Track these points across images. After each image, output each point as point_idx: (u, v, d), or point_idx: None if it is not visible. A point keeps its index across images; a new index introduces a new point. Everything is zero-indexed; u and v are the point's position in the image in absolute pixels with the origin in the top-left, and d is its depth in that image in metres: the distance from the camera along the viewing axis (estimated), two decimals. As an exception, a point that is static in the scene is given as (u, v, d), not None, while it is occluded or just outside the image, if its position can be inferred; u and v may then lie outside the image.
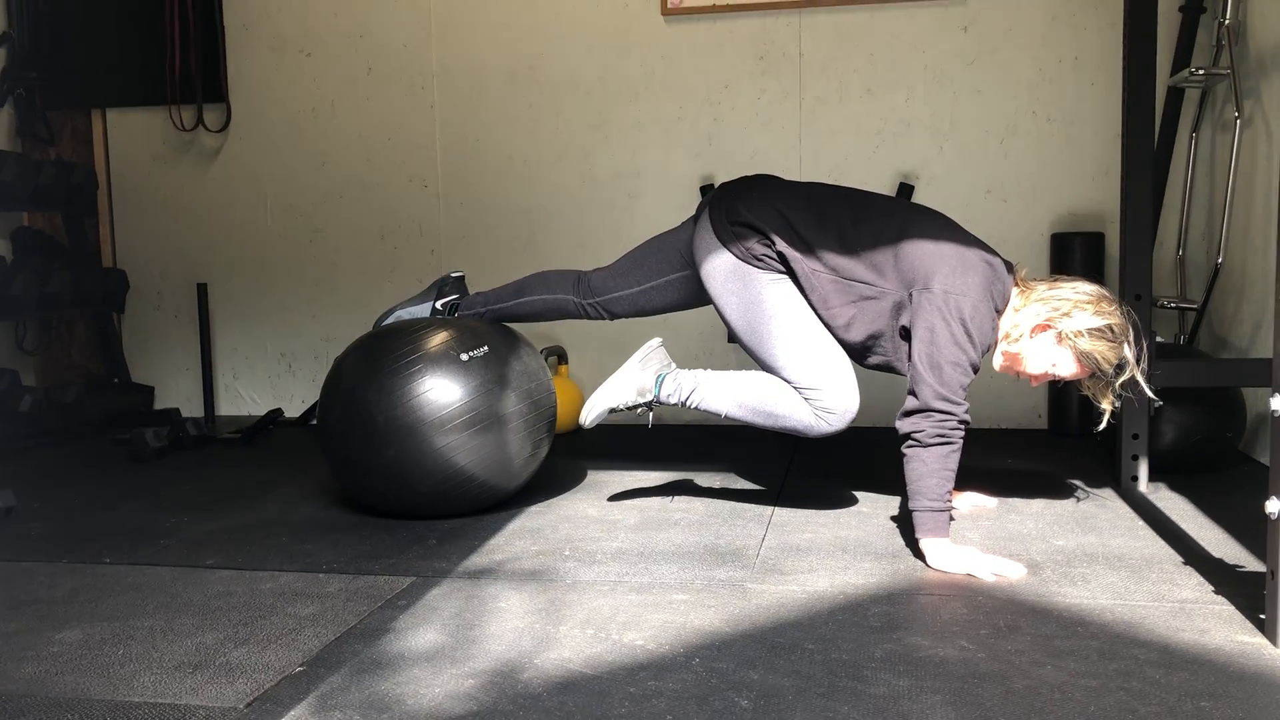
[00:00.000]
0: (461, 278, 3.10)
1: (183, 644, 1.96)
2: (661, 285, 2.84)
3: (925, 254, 2.43)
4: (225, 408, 4.77)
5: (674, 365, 2.75)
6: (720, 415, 2.66)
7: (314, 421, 4.25)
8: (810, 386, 2.53)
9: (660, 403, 2.71)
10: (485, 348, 2.77)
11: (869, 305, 2.49)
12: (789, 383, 2.55)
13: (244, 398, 4.75)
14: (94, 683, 1.80)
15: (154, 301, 4.78)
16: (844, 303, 2.51)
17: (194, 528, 2.80)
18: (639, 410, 2.76)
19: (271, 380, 4.72)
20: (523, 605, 2.13)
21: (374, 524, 2.79)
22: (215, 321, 4.70)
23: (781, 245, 2.53)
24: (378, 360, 2.74)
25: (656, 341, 2.77)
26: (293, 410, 4.62)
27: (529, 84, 4.35)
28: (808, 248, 2.52)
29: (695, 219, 2.74)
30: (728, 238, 2.60)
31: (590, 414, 2.73)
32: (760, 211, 2.58)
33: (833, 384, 2.52)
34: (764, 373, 2.61)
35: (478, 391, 2.70)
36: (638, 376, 2.72)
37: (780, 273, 2.57)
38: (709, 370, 2.70)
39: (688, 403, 2.68)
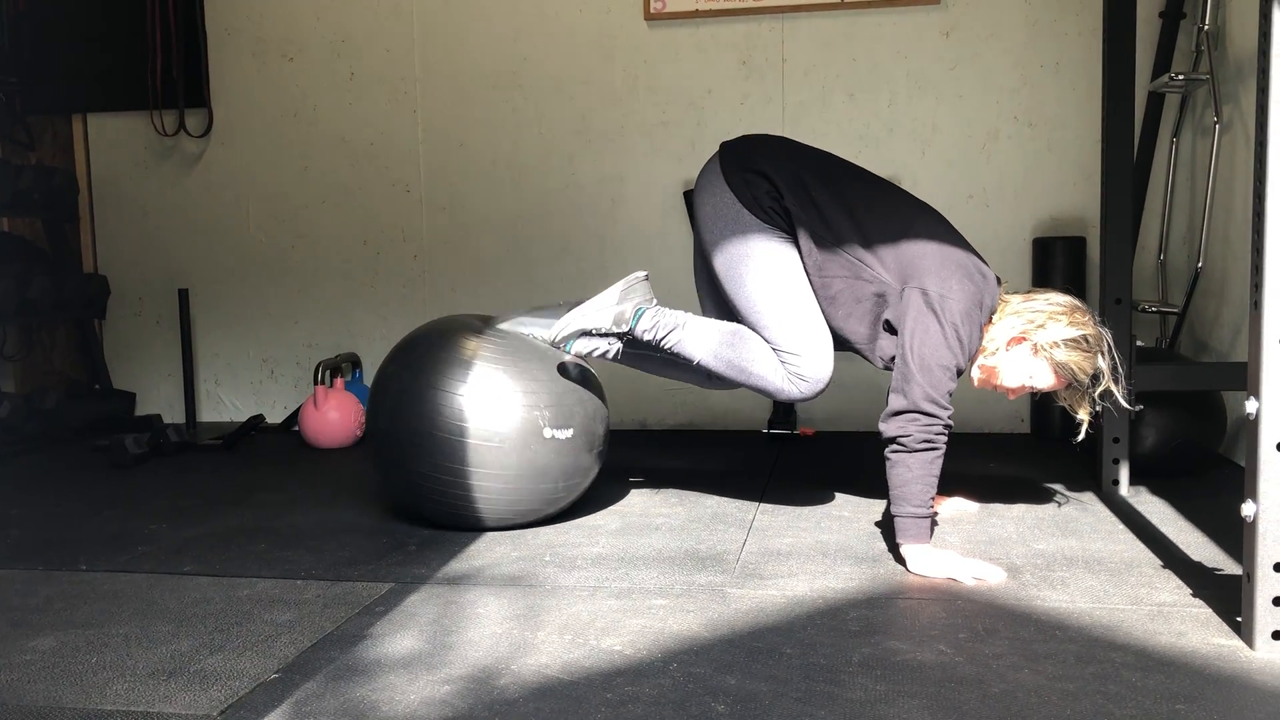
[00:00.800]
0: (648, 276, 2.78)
1: (157, 651, 1.95)
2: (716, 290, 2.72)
3: (926, 253, 2.42)
4: (207, 414, 4.74)
5: (655, 301, 2.66)
6: (694, 361, 2.60)
7: (295, 428, 4.25)
8: (790, 350, 2.51)
9: (634, 336, 2.61)
10: (571, 431, 2.67)
11: (858, 286, 2.46)
12: (769, 343, 2.53)
13: (226, 404, 4.73)
14: (66, 691, 1.78)
15: (135, 307, 4.76)
16: (839, 274, 2.48)
17: (173, 534, 2.78)
18: (609, 341, 2.65)
19: (253, 386, 4.70)
20: (501, 611, 2.12)
21: (354, 530, 2.78)
22: (197, 327, 4.68)
23: (790, 202, 2.49)
24: (447, 380, 2.63)
25: (641, 274, 2.67)
26: (274, 416, 4.61)
27: (512, 88, 4.35)
28: (818, 213, 2.48)
29: (703, 169, 2.67)
30: (737, 183, 2.54)
31: (562, 331, 2.62)
32: (777, 165, 2.54)
33: (812, 351, 2.51)
34: (745, 328, 2.57)
35: (546, 468, 2.65)
36: (617, 305, 2.61)
37: (783, 231, 2.53)
38: (691, 314, 2.65)
39: (663, 342, 2.59)
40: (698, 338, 2.59)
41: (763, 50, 4.15)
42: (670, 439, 4.11)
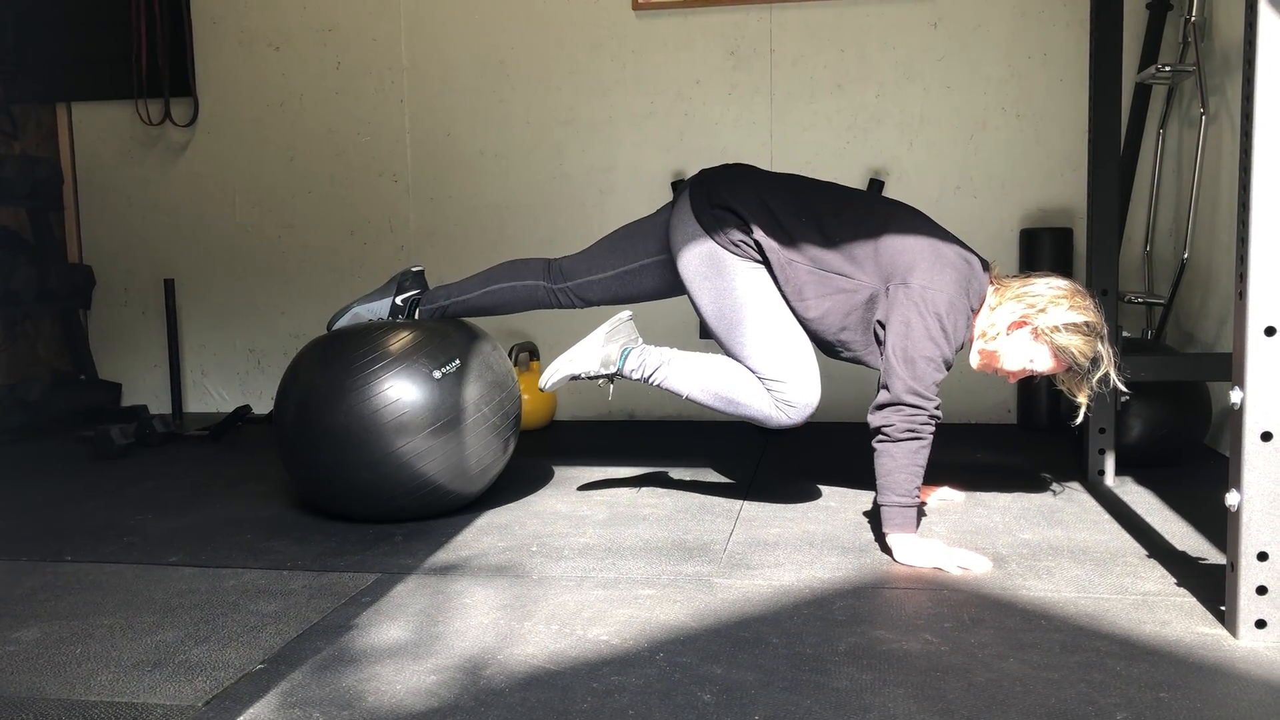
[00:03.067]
0: (421, 272, 3.00)
1: (142, 642, 1.94)
2: (636, 270, 2.78)
3: (905, 249, 2.43)
4: (193, 404, 4.73)
5: (641, 341, 2.71)
6: (682, 396, 2.64)
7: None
8: (774, 378, 2.53)
9: (623, 376, 2.67)
10: (457, 361, 2.70)
11: (844, 298, 2.48)
12: (754, 372, 2.55)
13: (212, 394, 4.71)
14: (50, 682, 1.77)
15: (121, 297, 4.74)
16: (819, 294, 2.50)
17: (158, 525, 2.77)
18: (600, 381, 2.71)
19: (240, 377, 4.68)
20: (488, 601, 2.12)
21: (340, 521, 2.77)
22: (183, 318, 4.66)
23: (759, 234, 2.51)
24: (339, 369, 2.64)
25: (626, 314, 2.73)
26: (261, 407, 4.59)
27: (499, 78, 4.33)
28: (788, 238, 2.50)
29: (674, 202, 2.70)
30: (707, 222, 2.57)
31: (551, 379, 2.68)
32: (743, 198, 2.56)
33: (796, 377, 2.52)
34: (729, 359, 2.60)
35: (445, 404, 2.63)
36: (603, 347, 2.68)
37: (756, 261, 2.55)
38: (676, 350, 2.68)
39: (651, 379, 2.65)
40: (683, 373, 2.62)
41: (751, 41, 4.14)
42: (657, 430, 4.11)
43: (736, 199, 2.56)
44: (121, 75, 4.54)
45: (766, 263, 2.54)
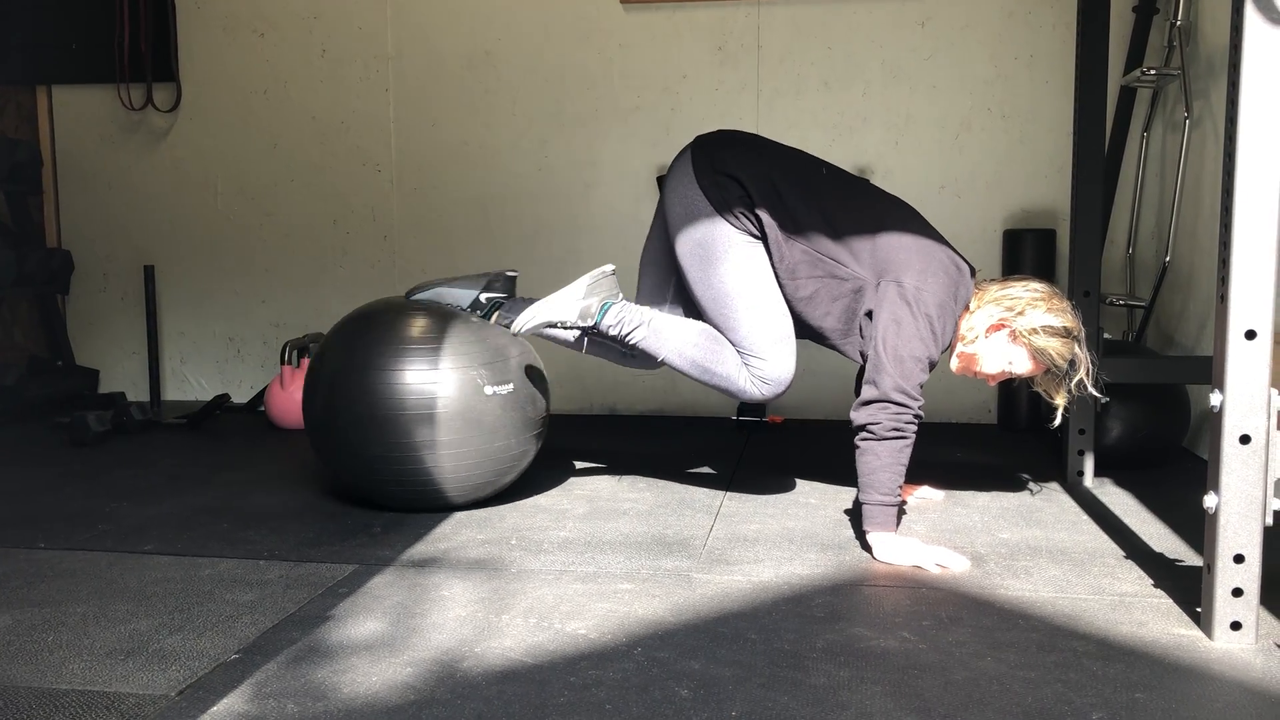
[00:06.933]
0: (514, 279, 2.86)
1: (115, 630, 1.92)
2: (679, 289, 2.72)
3: (902, 247, 2.43)
4: (172, 392, 4.69)
5: (621, 296, 2.64)
6: (658, 359, 2.61)
7: (261, 408, 4.21)
8: (755, 354, 2.52)
9: (599, 330, 2.59)
10: (511, 386, 2.68)
11: (834, 284, 2.47)
12: (736, 345, 2.54)
13: (191, 382, 4.68)
14: (21, 670, 1.75)
15: (100, 283, 4.69)
16: (810, 275, 2.49)
17: (134, 513, 2.75)
18: (574, 334, 2.65)
19: (219, 365, 4.65)
20: (466, 594, 2.11)
21: (318, 511, 2.76)
22: (163, 304, 4.63)
23: (764, 214, 2.48)
24: (385, 359, 2.63)
25: (609, 268, 2.65)
26: (240, 395, 4.56)
27: (486, 70, 4.31)
28: (793, 224, 2.48)
29: (673, 163, 2.65)
30: (708, 185, 2.52)
31: (527, 323, 2.59)
32: (751, 174, 2.52)
33: (776, 355, 2.52)
34: (711, 328, 2.57)
35: (484, 415, 2.63)
36: (583, 299, 2.59)
37: (754, 236, 2.52)
38: (657, 311, 2.64)
39: (628, 337, 2.59)
40: (663, 336, 2.59)
41: (738, 36, 4.13)
42: (639, 425, 4.10)
43: (744, 172, 2.52)
44: (103, 59, 4.50)
45: (763, 237, 2.52)
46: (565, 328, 2.62)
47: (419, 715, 1.58)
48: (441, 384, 2.60)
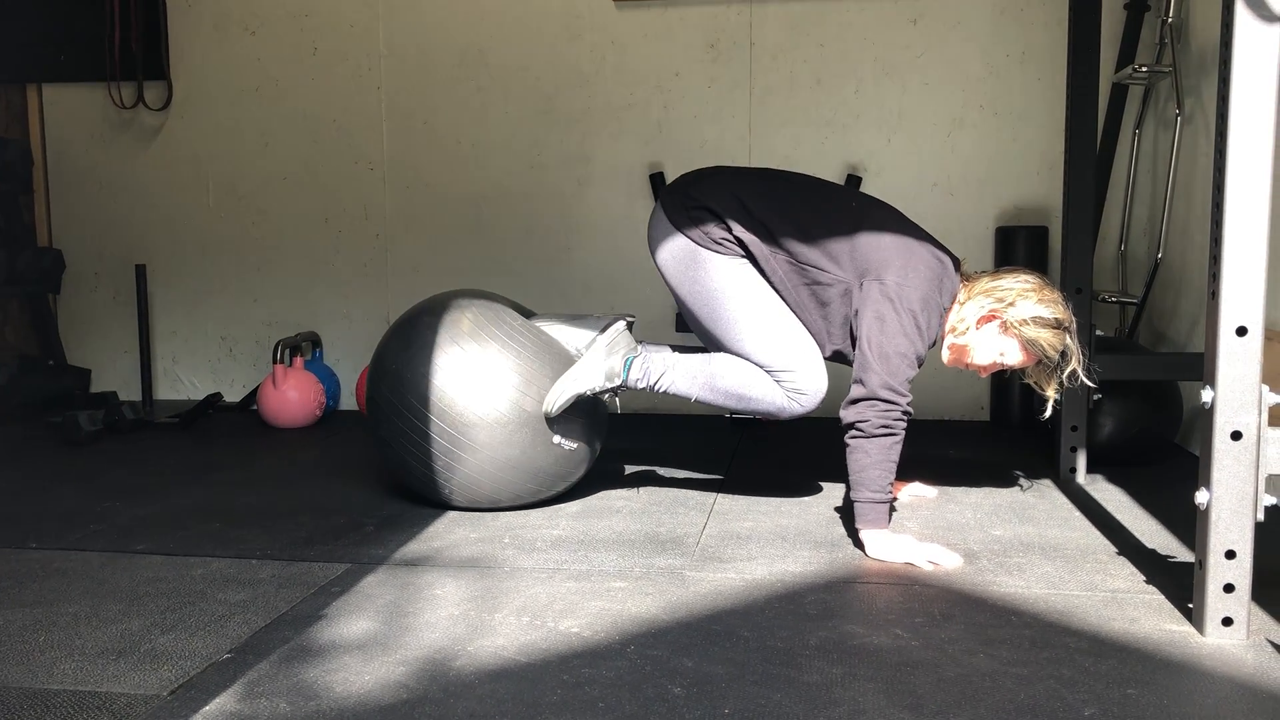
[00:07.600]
0: (632, 323, 2.74)
1: (107, 630, 1.92)
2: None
3: (881, 246, 2.43)
4: (164, 391, 4.68)
5: (639, 347, 2.65)
6: (690, 399, 2.62)
7: (254, 407, 4.20)
8: (782, 369, 2.51)
9: (627, 387, 2.62)
10: (576, 446, 2.70)
11: (820, 290, 2.48)
12: (760, 366, 2.53)
13: (183, 381, 4.67)
14: (12, 670, 1.74)
15: (91, 282, 4.68)
16: (799, 284, 2.50)
17: (126, 513, 2.74)
18: (605, 396, 2.67)
19: (211, 364, 4.64)
20: (459, 593, 2.11)
21: (311, 510, 2.75)
22: (155, 304, 4.62)
23: (739, 230, 2.50)
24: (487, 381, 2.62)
25: (623, 324, 2.67)
26: (233, 395, 4.55)
27: (478, 67, 4.31)
28: (767, 233, 2.49)
29: (650, 221, 2.67)
30: (684, 222, 2.54)
31: (557, 401, 2.60)
32: (717, 196, 2.54)
33: (804, 365, 2.51)
34: (731, 355, 2.57)
35: (541, 470, 2.68)
36: (606, 361, 2.61)
37: (741, 256, 2.53)
38: (677, 353, 2.65)
39: (656, 387, 2.61)
40: (689, 376, 2.59)
41: (731, 34, 4.13)
42: (633, 423, 4.10)
43: (710, 198, 2.54)
44: (94, 57, 4.48)
45: (750, 256, 2.53)
46: (594, 395, 2.63)
47: (411, 714, 1.57)
48: (519, 439, 2.62)
